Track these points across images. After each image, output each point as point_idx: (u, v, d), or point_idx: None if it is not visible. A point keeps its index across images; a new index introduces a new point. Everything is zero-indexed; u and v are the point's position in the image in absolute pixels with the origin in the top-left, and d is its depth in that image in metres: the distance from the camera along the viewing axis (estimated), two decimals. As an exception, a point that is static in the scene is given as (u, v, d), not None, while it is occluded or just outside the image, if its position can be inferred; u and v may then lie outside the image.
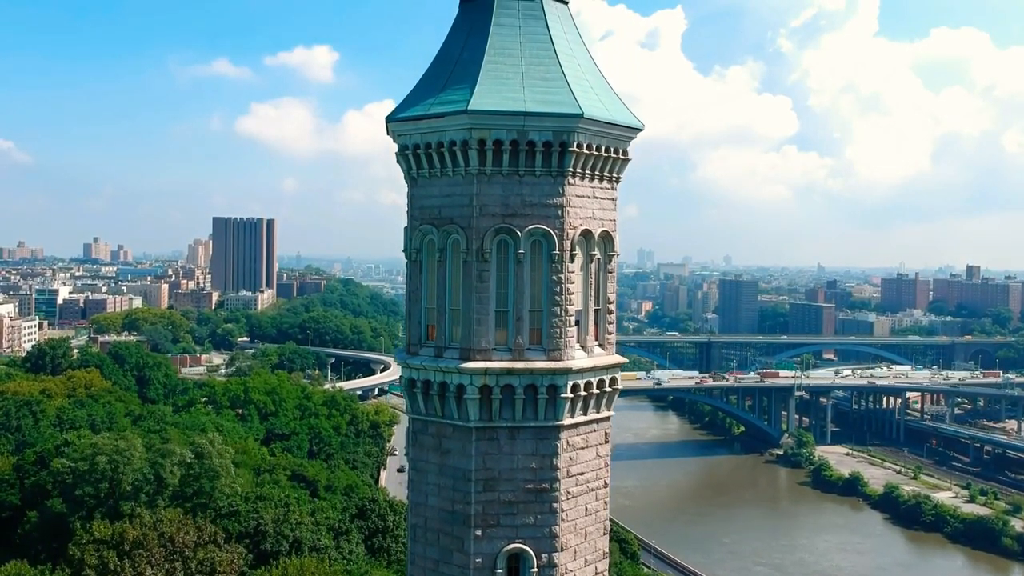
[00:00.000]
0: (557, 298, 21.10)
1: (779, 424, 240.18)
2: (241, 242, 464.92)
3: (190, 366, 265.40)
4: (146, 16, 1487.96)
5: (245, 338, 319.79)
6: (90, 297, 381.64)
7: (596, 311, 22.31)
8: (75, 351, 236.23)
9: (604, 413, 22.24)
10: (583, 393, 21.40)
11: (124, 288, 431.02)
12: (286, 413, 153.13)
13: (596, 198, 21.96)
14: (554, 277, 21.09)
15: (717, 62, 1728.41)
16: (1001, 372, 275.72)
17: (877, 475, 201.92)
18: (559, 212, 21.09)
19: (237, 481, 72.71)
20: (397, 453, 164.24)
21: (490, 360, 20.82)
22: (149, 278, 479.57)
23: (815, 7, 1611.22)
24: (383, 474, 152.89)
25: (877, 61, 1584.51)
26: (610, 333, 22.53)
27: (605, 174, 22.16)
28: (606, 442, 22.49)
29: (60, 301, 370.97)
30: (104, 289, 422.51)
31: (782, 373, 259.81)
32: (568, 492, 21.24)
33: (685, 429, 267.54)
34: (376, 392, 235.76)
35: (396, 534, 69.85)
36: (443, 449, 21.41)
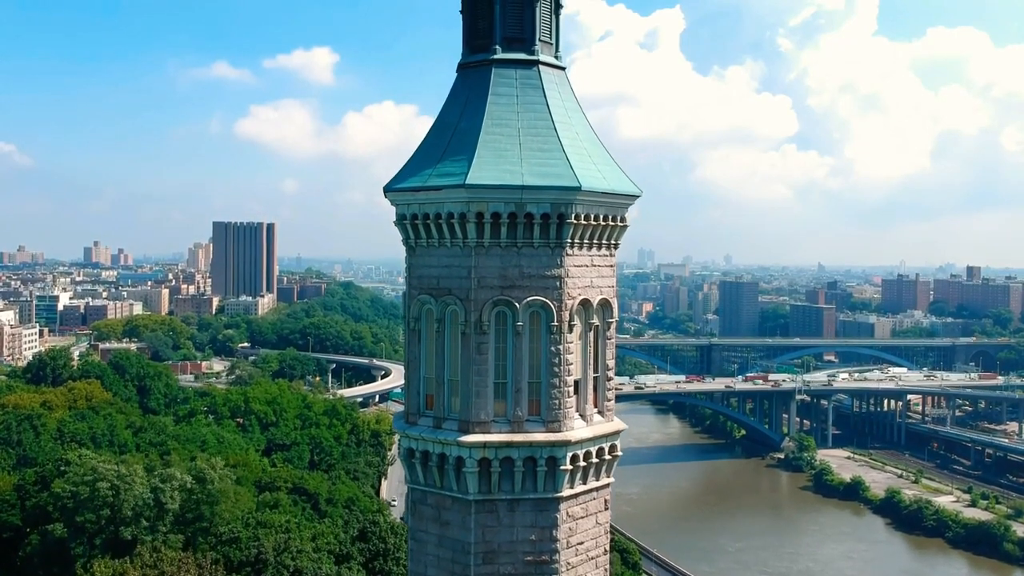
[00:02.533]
0: (556, 369, 21.07)
1: (780, 428, 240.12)
2: (241, 246, 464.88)
3: (191, 373, 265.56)
4: (146, 20, 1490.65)
5: (246, 344, 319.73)
6: (91, 303, 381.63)
7: (595, 378, 22.27)
8: (76, 358, 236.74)
9: (604, 481, 22.21)
10: (582, 464, 21.36)
11: (125, 293, 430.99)
12: (287, 423, 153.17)
13: (594, 266, 21.93)
14: (553, 348, 21.06)
15: (716, 62, 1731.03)
16: (997, 374, 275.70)
17: (878, 479, 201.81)
18: (557, 283, 21.06)
19: (238, 504, 72.54)
20: (396, 462, 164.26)
21: (489, 432, 20.79)
22: (150, 283, 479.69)
23: (814, 6, 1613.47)
24: (384, 484, 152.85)
25: (876, 60, 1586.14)
26: (609, 400, 22.49)
27: (603, 242, 22.13)
28: (606, 509, 22.45)
29: (60, 307, 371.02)
30: (105, 295, 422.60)
31: (770, 376, 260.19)
32: (568, 563, 21.21)
33: (686, 433, 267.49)
34: (377, 399, 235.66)
35: (397, 557, 69.82)
36: (442, 520, 21.38)
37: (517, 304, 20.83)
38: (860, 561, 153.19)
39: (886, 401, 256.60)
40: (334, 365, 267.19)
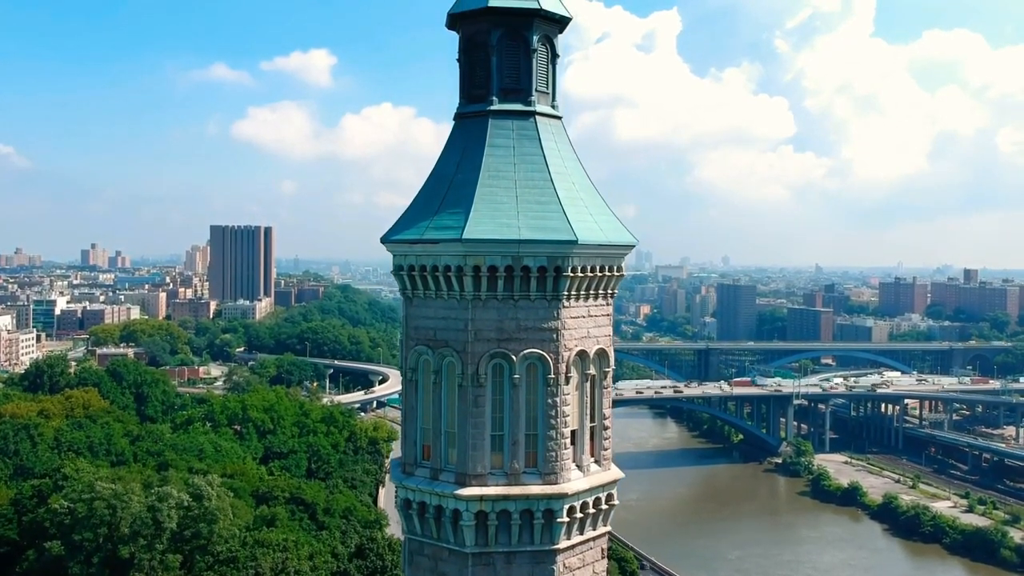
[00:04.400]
0: (552, 421, 21.10)
1: (778, 432, 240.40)
2: (239, 250, 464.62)
3: (188, 379, 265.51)
4: (144, 21, 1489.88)
5: (243, 349, 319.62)
6: (88, 307, 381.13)
7: (592, 428, 22.29)
8: (73, 364, 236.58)
9: (601, 530, 22.23)
10: (579, 515, 21.38)
11: (122, 297, 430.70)
12: (284, 431, 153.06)
13: (591, 316, 21.96)
14: (549, 401, 21.08)
15: (713, 63, 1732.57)
16: (990, 378, 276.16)
17: (876, 484, 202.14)
18: (554, 336, 21.09)
19: (236, 519, 72.43)
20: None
21: (486, 485, 20.81)
22: (147, 286, 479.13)
23: (810, 8, 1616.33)
24: (382, 492, 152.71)
25: (873, 62, 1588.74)
26: (606, 448, 22.51)
27: (600, 292, 22.16)
28: (603, 558, 22.48)
29: (58, 312, 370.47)
30: (102, 298, 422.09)
31: (759, 380, 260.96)
32: (565, 615, 21.23)
33: (684, 437, 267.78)
34: (375, 404, 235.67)
35: (395, 574, 69.84)
36: (439, 572, 21.38)
37: (514, 357, 20.86)
38: (860, 569, 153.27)
39: (883, 405, 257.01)
40: (332, 370, 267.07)
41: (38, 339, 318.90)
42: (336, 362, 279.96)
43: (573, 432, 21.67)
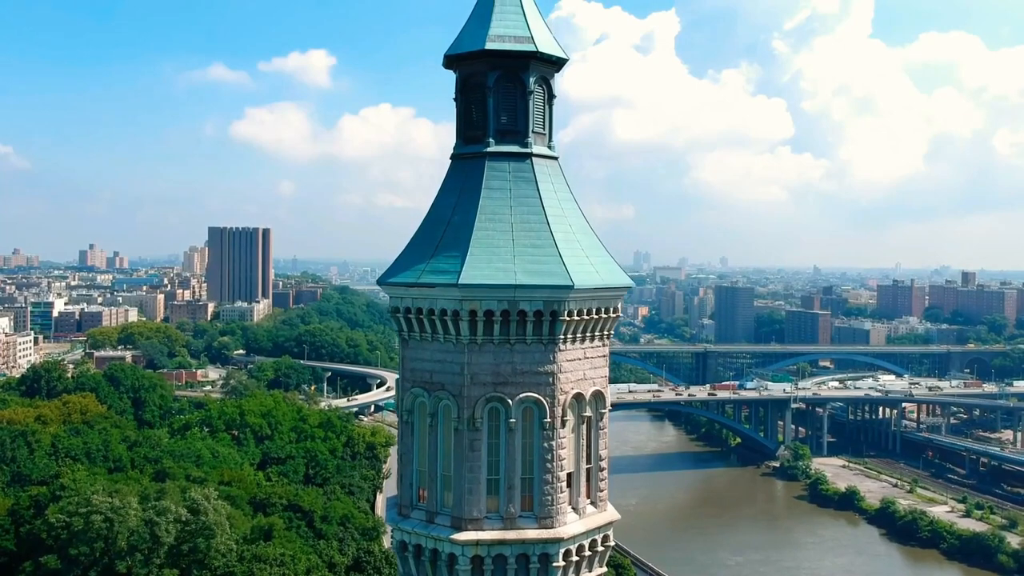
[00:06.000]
0: (549, 465, 21.09)
1: (775, 435, 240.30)
2: (237, 251, 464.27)
3: (185, 382, 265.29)
4: (143, 22, 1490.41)
5: (241, 351, 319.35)
6: (86, 309, 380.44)
7: (588, 469, 22.29)
8: (71, 367, 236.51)
9: (596, 572, 22.22)
10: (575, 558, 21.39)
11: (120, 299, 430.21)
12: (282, 436, 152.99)
13: (587, 358, 21.97)
14: (545, 445, 21.08)
15: (711, 65, 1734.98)
16: (982, 382, 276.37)
17: (873, 488, 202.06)
18: (550, 379, 21.09)
19: (233, 535, 72.29)
20: (392, 477, 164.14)
21: (481, 529, 20.80)
22: (145, 288, 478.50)
23: (808, 9, 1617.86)
24: (379, 498, 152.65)
25: (870, 63, 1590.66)
26: (602, 490, 22.51)
27: (596, 333, 22.16)
28: (599, 599, 22.47)
29: (56, 314, 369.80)
30: (100, 300, 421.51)
31: (749, 384, 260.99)
32: (561, 657, 21.21)
33: (682, 440, 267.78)
34: (372, 408, 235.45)
35: (393, 588, 69.92)
36: (435, 615, 21.37)
37: (510, 401, 20.87)
38: (860, 575, 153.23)
39: (881, 409, 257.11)
40: (329, 373, 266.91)
41: (36, 341, 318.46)
42: (334, 365, 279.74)
43: (569, 475, 21.66)
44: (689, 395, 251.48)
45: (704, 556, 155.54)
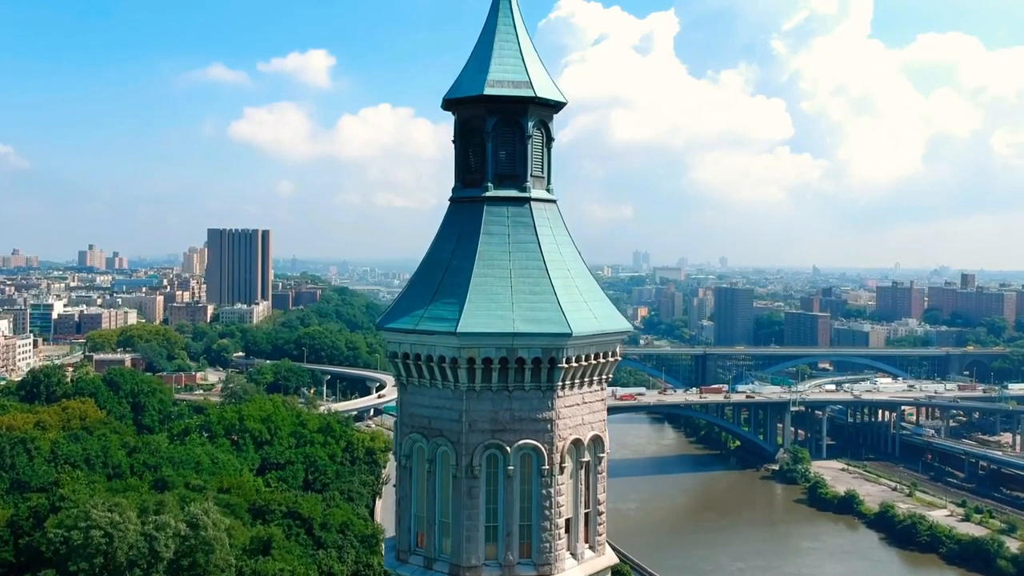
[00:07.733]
0: (547, 512, 21.04)
1: (775, 438, 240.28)
2: (236, 253, 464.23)
3: (185, 384, 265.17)
4: (142, 22, 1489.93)
5: (240, 354, 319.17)
6: (85, 311, 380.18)
7: (586, 514, 22.24)
8: (70, 370, 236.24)
9: (595, 616, 22.18)
10: (574, 605, 21.34)
11: (119, 300, 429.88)
12: (281, 441, 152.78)
13: (585, 403, 21.93)
14: (544, 491, 21.02)
15: (710, 65, 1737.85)
16: (984, 384, 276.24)
17: (872, 492, 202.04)
18: (549, 426, 21.05)
19: (232, 550, 72.22)
20: (391, 482, 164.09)
21: (480, 578, 20.76)
22: (144, 289, 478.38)
23: (807, 10, 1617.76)
24: (379, 504, 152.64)
25: (868, 63, 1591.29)
26: (601, 535, 22.47)
27: (595, 378, 22.13)
28: (598, 643, 22.41)
29: (55, 316, 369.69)
30: (99, 302, 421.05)
31: (740, 387, 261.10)
32: None
33: (681, 443, 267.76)
34: (372, 412, 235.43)
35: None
36: (433, 662, 21.33)
37: (508, 448, 20.83)
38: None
39: (880, 412, 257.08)
40: (329, 376, 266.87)
41: (35, 344, 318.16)
42: (334, 368, 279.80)
43: (567, 520, 21.62)
44: (658, 401, 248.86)
45: (704, 561, 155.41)
